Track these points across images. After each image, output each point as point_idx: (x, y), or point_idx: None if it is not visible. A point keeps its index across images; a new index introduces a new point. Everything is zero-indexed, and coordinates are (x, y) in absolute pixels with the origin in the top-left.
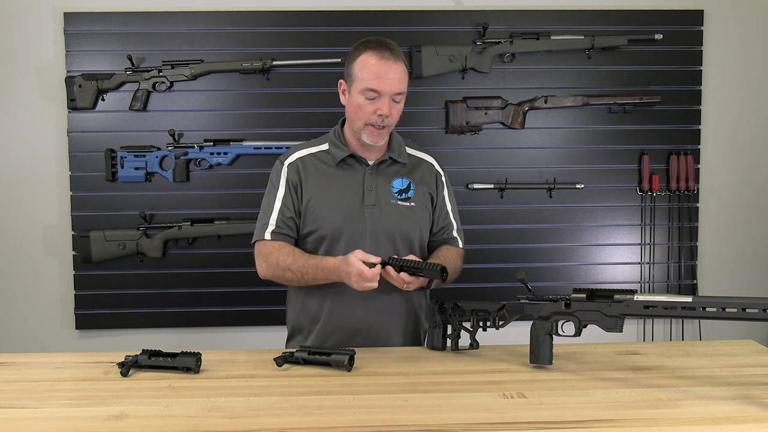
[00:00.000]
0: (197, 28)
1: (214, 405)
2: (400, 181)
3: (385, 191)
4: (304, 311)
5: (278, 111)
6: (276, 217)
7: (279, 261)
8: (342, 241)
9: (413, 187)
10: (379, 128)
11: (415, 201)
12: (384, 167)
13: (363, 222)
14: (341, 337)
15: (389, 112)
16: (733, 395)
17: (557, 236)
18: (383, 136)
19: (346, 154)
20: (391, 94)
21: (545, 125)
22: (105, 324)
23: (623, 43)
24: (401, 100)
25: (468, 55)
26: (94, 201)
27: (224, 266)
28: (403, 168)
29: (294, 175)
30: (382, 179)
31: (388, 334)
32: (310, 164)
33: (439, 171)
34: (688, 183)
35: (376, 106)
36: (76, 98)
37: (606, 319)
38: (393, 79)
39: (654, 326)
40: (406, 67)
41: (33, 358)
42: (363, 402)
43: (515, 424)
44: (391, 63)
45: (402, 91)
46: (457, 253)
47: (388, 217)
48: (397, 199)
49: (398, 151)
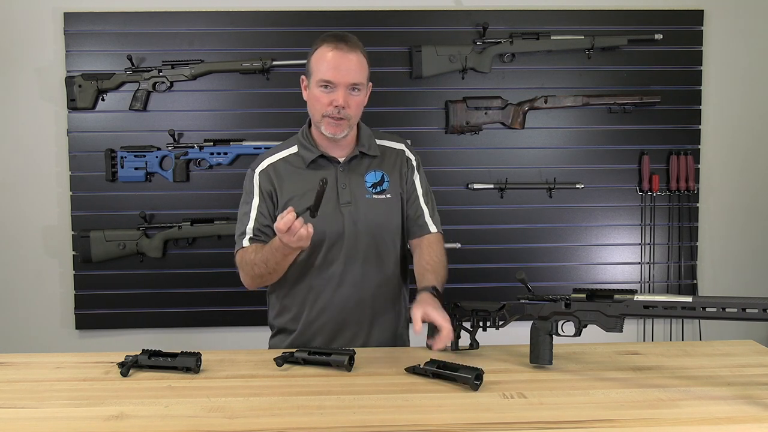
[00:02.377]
0: (197, 28)
1: (214, 405)
2: (372, 174)
3: (359, 187)
4: (282, 314)
5: (278, 111)
6: (252, 226)
7: (247, 261)
8: (324, 243)
9: (387, 179)
10: (336, 119)
11: (391, 192)
12: (355, 163)
13: (341, 221)
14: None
15: (345, 103)
16: (733, 395)
17: (557, 236)
18: (342, 128)
19: (315, 155)
20: (347, 85)
21: (545, 125)
22: (105, 324)
23: (623, 43)
24: (360, 92)
25: (468, 55)
26: (94, 201)
27: (224, 266)
28: (374, 160)
29: (266, 182)
30: (355, 175)
31: (369, 326)
32: (281, 169)
33: (410, 156)
34: (688, 183)
35: (331, 97)
36: (76, 98)
37: (606, 319)
38: (347, 70)
39: (654, 326)
40: (365, 59)
41: (33, 358)
42: (363, 402)
43: (515, 424)
44: (345, 53)
45: (358, 81)
46: (435, 248)
47: (366, 212)
48: (372, 194)
49: (368, 144)
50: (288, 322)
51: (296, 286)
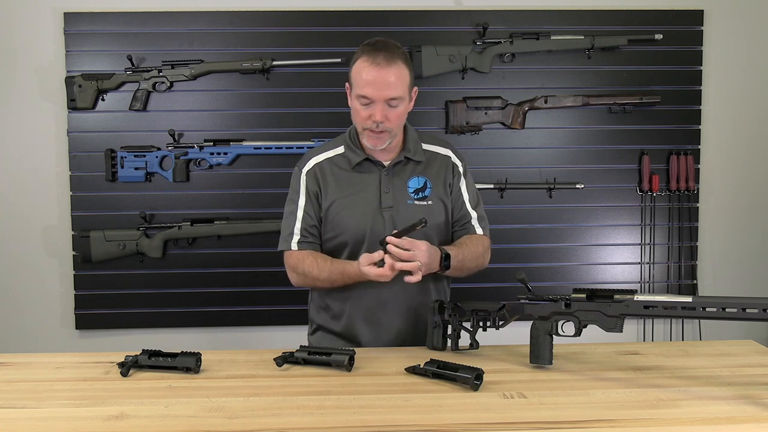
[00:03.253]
0: (197, 28)
1: (214, 405)
2: (416, 180)
3: (402, 192)
4: (323, 311)
5: (278, 111)
6: (300, 227)
7: (305, 271)
8: (364, 246)
9: (429, 185)
10: (377, 133)
11: (432, 199)
12: (399, 167)
13: (382, 225)
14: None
15: (382, 119)
16: (733, 395)
17: (557, 236)
18: (383, 141)
19: (361, 158)
20: (384, 100)
21: (545, 125)
22: (105, 324)
23: (623, 43)
24: (399, 104)
25: (468, 55)
26: (94, 201)
27: (224, 266)
28: (419, 166)
29: (313, 183)
30: (398, 180)
31: (411, 330)
32: (327, 170)
33: (456, 162)
34: (688, 183)
35: (369, 111)
36: (76, 98)
37: (606, 319)
38: (384, 85)
39: (654, 326)
40: (406, 68)
41: (33, 358)
42: (363, 402)
43: (515, 424)
44: (382, 68)
45: (397, 95)
46: (477, 239)
47: (406, 218)
48: (414, 199)
49: (414, 150)
50: (328, 321)
51: (337, 288)
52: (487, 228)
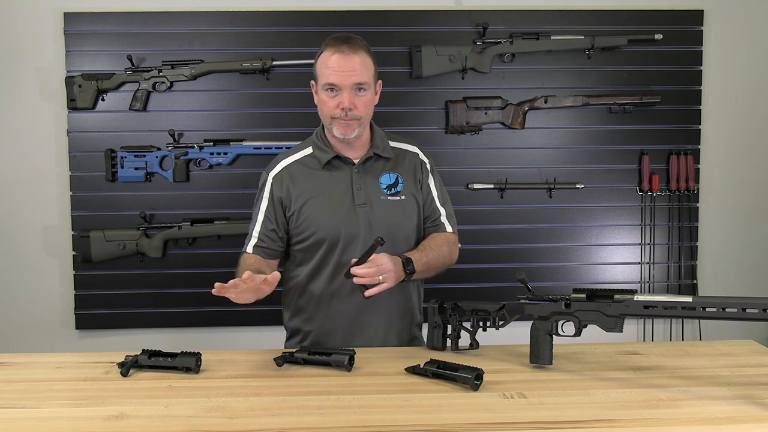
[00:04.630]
0: (197, 28)
1: (214, 405)
2: (387, 176)
3: (374, 188)
4: (297, 315)
5: (278, 111)
6: (258, 230)
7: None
8: (339, 244)
9: (401, 181)
10: (346, 121)
11: (405, 194)
12: (370, 164)
13: (357, 222)
14: (340, 338)
15: (351, 105)
16: (733, 395)
17: (557, 236)
18: (352, 128)
19: (330, 156)
20: (351, 86)
21: (545, 125)
22: (105, 324)
23: (623, 43)
24: (366, 92)
25: (468, 55)
26: (94, 201)
27: (224, 266)
28: (388, 162)
29: (279, 188)
30: (370, 176)
31: (385, 327)
32: (296, 171)
33: (423, 159)
34: (688, 183)
35: (337, 100)
36: (76, 98)
37: (606, 319)
38: (350, 71)
39: (654, 326)
40: (370, 58)
41: (33, 358)
42: (363, 402)
43: (515, 424)
44: (347, 55)
45: (362, 81)
46: (443, 238)
47: (381, 214)
48: (387, 195)
49: (382, 146)
50: (302, 323)
51: (311, 287)
52: (455, 225)
